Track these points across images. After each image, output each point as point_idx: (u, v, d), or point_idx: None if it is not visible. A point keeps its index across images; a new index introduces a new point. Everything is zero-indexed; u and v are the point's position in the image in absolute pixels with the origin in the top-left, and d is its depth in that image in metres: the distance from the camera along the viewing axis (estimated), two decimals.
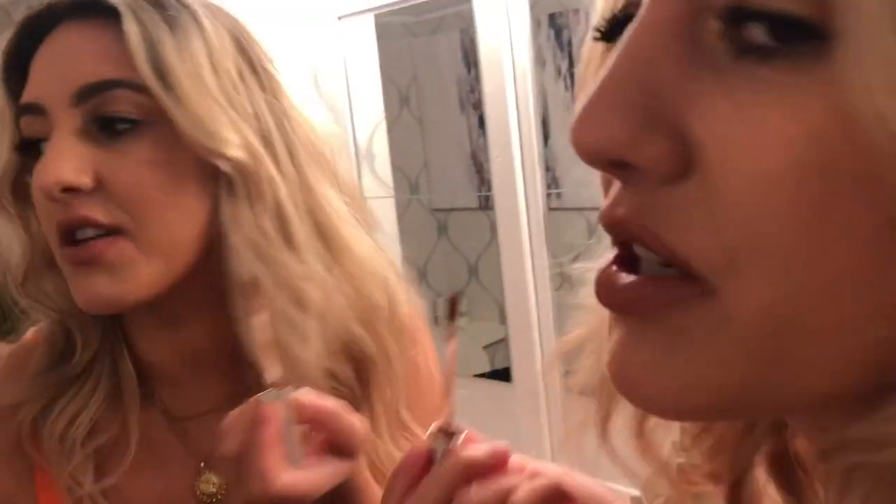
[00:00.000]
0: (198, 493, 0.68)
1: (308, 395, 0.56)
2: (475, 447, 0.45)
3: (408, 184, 1.78)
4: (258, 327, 0.60)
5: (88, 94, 0.58)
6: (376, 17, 1.47)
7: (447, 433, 0.45)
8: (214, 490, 0.69)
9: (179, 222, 0.61)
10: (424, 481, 0.45)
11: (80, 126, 0.59)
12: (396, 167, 1.62)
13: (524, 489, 0.44)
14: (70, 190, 0.58)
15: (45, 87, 0.60)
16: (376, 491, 0.61)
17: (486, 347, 1.67)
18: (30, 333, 0.71)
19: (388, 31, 1.62)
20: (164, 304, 0.63)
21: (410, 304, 0.70)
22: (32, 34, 0.61)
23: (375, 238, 0.70)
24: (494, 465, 0.45)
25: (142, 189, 0.60)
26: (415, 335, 0.71)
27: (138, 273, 0.60)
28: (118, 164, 0.59)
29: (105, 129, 0.59)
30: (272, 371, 0.56)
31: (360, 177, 1.52)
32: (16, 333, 0.72)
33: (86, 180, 0.58)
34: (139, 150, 0.59)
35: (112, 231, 0.59)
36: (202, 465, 0.68)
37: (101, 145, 0.59)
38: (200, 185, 0.61)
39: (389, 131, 1.59)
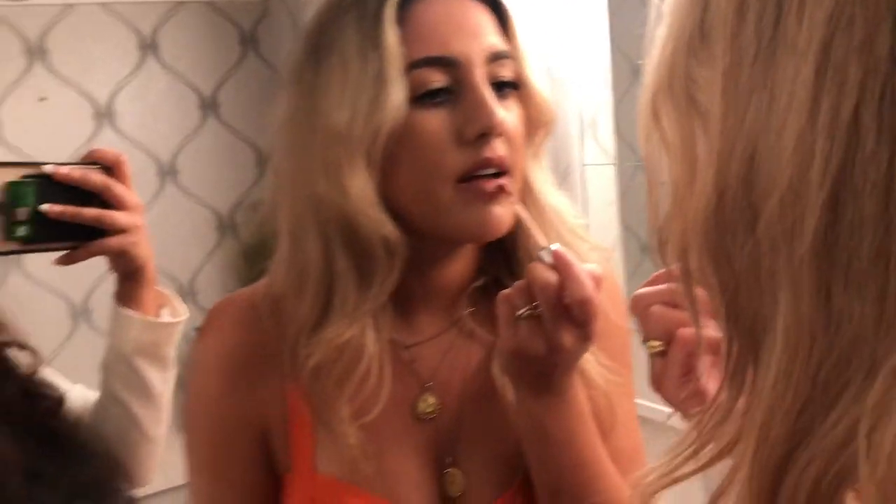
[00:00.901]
0: (415, 411, 0.78)
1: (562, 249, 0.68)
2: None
3: (634, 155, 1.83)
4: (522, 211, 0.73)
5: (495, 58, 0.72)
6: None
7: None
8: (430, 410, 0.79)
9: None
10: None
11: (487, 83, 0.71)
12: (622, 137, 1.68)
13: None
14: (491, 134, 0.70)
15: (464, 46, 0.70)
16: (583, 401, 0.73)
17: None
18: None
19: (623, 1, 1.67)
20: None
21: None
22: None
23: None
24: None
25: (520, 138, 0.74)
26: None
27: (511, 205, 0.73)
28: (508, 115, 0.72)
29: (498, 88, 0.72)
30: (541, 238, 0.70)
31: (582, 144, 1.60)
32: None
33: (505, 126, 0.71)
34: (516, 109, 0.74)
35: (507, 170, 0.72)
36: (424, 385, 0.79)
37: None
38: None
39: (618, 102, 1.65)
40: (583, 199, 1.61)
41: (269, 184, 0.79)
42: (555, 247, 0.68)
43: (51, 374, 1.02)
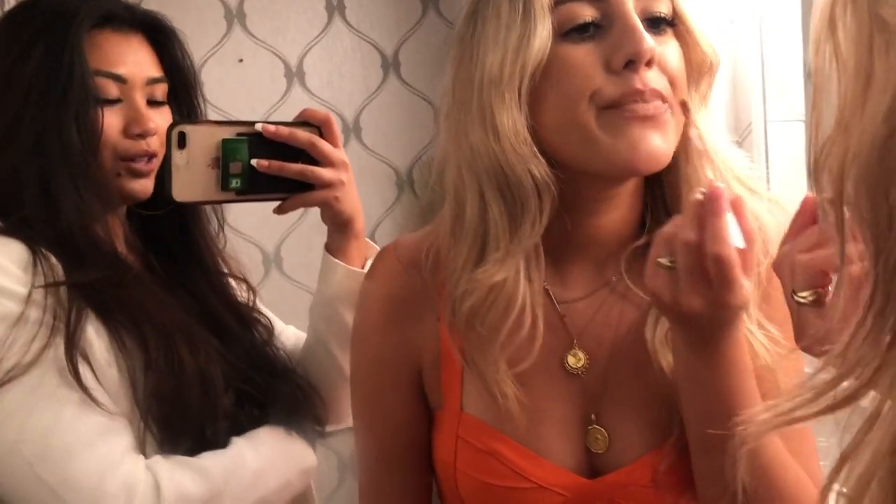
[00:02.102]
0: (565, 365, 0.80)
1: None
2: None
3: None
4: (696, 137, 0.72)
5: None
6: None
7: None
8: (580, 365, 0.80)
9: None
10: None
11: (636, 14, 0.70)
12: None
13: None
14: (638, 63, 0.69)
15: None
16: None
17: None
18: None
19: None
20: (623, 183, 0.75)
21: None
22: None
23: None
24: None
25: (681, 77, 0.73)
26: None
27: (671, 139, 0.72)
28: (665, 49, 0.72)
29: (652, 23, 0.72)
30: (707, 174, 0.70)
31: (765, 100, 1.52)
32: None
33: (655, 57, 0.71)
34: (675, 46, 0.73)
35: (662, 100, 0.71)
36: (574, 341, 0.80)
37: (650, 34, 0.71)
38: None
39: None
40: (766, 158, 1.54)
41: (438, 141, 0.82)
42: (719, 186, 0.64)
43: (270, 315, 1.13)
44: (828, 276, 0.55)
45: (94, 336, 0.86)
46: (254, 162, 0.94)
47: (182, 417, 0.88)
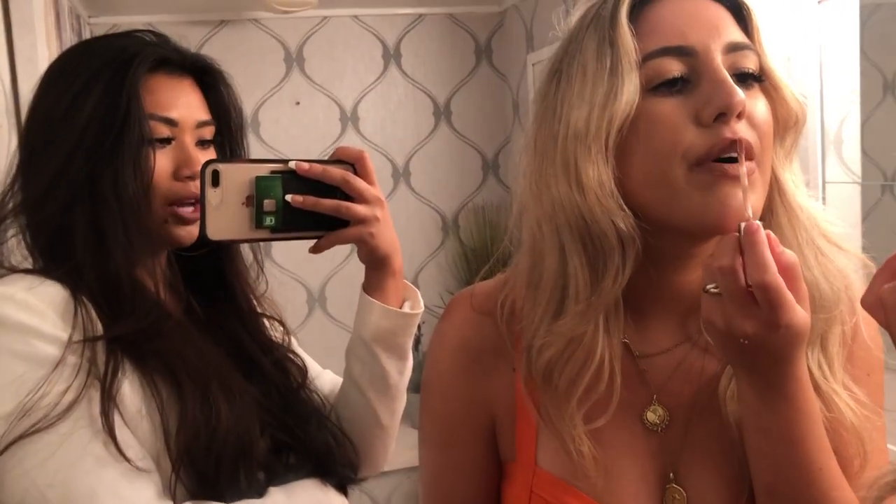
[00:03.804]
0: (644, 420, 0.77)
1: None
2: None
3: (881, 175, 1.69)
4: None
5: (734, 48, 0.70)
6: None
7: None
8: (658, 421, 0.77)
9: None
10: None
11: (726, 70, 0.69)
12: (868, 155, 1.56)
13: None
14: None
15: (702, 36, 0.70)
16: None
17: None
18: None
19: (876, 14, 1.56)
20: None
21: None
22: None
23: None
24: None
25: (769, 132, 0.71)
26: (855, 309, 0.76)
27: (759, 197, 0.70)
28: (755, 103, 0.70)
29: (740, 79, 0.70)
30: (747, 210, 0.67)
31: (824, 162, 1.51)
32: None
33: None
34: (762, 98, 0.71)
35: (752, 157, 0.69)
36: (654, 396, 0.77)
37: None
38: None
39: (867, 118, 1.54)
40: None
41: (512, 192, 0.82)
42: (755, 222, 0.63)
43: (305, 357, 1.12)
44: None
45: (129, 387, 0.85)
46: (288, 197, 0.94)
47: (217, 467, 0.87)
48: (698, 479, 0.76)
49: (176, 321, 0.93)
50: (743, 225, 0.63)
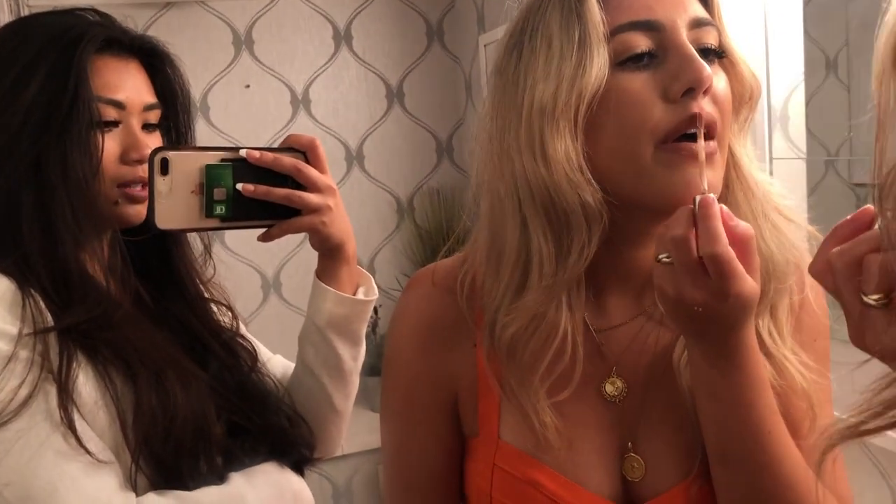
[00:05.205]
0: (603, 393, 0.78)
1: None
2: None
3: (825, 151, 1.73)
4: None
5: (698, 24, 0.71)
6: None
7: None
8: (616, 392, 0.78)
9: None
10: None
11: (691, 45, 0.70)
12: (812, 133, 1.59)
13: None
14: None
15: (667, 11, 0.70)
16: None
17: None
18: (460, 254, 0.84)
19: None
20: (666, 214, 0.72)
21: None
22: None
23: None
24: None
25: (728, 107, 0.72)
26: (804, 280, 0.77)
27: (720, 174, 0.71)
28: (717, 79, 0.70)
29: (703, 54, 0.69)
30: (702, 183, 0.67)
31: (770, 138, 1.54)
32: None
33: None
34: (722, 74, 0.72)
35: (714, 134, 0.69)
36: (612, 369, 0.79)
37: None
38: None
39: (811, 96, 1.57)
40: None
41: (471, 169, 0.81)
42: (709, 195, 0.65)
43: (254, 341, 1.11)
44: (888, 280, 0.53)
45: (83, 378, 0.84)
46: (239, 186, 0.92)
47: (176, 454, 0.86)
48: (656, 448, 0.77)
49: (126, 309, 0.92)
50: (698, 198, 0.64)
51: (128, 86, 0.95)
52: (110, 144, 0.92)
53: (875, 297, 0.51)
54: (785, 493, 0.71)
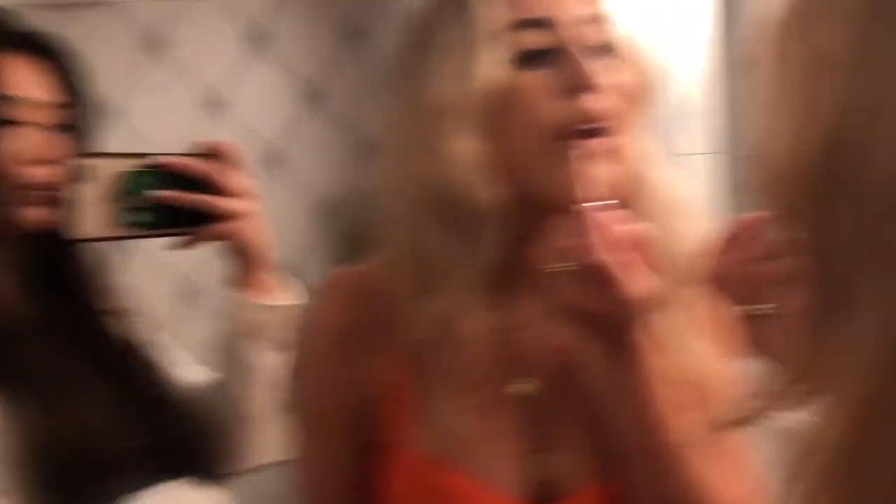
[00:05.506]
0: (512, 393, 0.79)
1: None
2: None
3: (726, 146, 1.78)
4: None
5: (590, 20, 0.73)
6: None
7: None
8: (527, 392, 0.79)
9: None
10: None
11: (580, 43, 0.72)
12: (712, 127, 1.63)
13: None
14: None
15: (555, 8, 0.72)
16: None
17: None
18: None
19: None
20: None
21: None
22: None
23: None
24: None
25: (623, 102, 0.73)
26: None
27: (615, 167, 0.73)
28: (613, 75, 0.72)
29: (596, 50, 0.72)
30: (579, 195, 0.69)
31: (670, 133, 1.57)
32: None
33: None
34: (616, 70, 0.74)
35: (607, 129, 0.71)
36: (521, 370, 0.79)
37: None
38: None
39: (716, 91, 1.61)
40: None
41: (375, 172, 0.81)
42: (590, 204, 0.67)
43: (170, 349, 1.08)
44: (781, 287, 0.56)
45: None
46: (155, 193, 0.90)
47: (81, 475, 0.82)
48: (567, 447, 0.78)
49: (21, 330, 0.88)
50: (583, 206, 0.66)
51: (31, 84, 0.91)
52: (11, 145, 0.89)
53: (762, 306, 0.53)
54: (692, 491, 0.72)
